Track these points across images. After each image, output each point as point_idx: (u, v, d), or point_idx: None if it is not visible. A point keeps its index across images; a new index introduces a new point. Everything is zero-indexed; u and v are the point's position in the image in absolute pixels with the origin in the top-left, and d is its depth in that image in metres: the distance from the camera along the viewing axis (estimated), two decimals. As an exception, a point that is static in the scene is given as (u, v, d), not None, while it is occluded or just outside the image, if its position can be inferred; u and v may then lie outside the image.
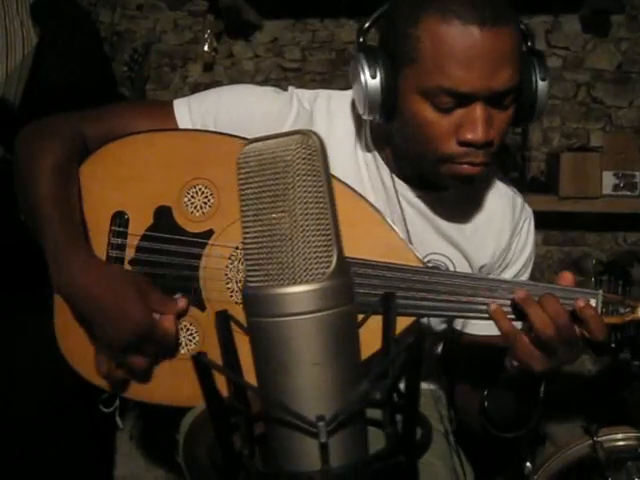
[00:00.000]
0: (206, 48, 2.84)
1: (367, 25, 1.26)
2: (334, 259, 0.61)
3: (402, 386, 0.68)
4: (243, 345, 0.72)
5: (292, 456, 0.62)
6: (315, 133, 0.61)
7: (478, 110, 1.17)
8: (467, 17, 1.12)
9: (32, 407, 1.75)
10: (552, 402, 1.56)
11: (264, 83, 2.89)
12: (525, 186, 2.50)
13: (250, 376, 0.68)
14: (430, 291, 1.18)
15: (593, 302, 1.16)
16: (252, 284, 0.62)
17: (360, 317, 0.66)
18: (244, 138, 1.26)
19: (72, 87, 2.40)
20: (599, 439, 1.64)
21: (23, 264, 1.61)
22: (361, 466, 0.61)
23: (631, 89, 2.68)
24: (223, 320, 0.67)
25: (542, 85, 1.23)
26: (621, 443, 1.65)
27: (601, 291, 1.18)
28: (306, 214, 0.60)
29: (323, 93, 1.40)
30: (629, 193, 2.47)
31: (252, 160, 0.61)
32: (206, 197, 1.27)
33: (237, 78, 2.91)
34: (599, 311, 1.15)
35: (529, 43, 1.27)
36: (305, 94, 1.39)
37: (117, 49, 2.97)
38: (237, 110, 1.33)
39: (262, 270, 0.61)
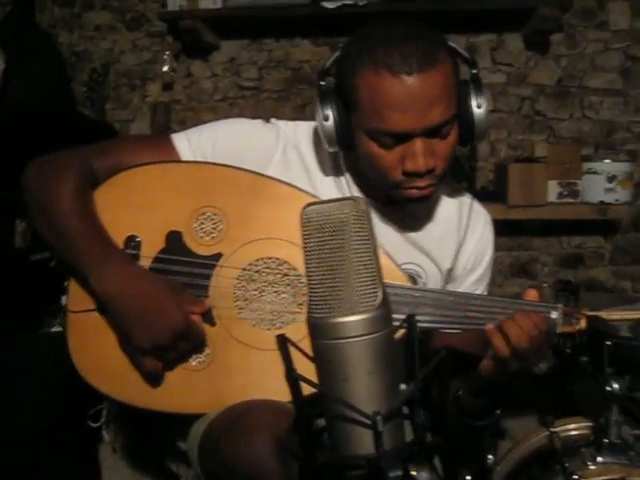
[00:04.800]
0: (165, 68, 2.92)
1: (325, 69, 1.39)
2: (380, 294, 0.78)
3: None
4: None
5: (351, 444, 0.79)
6: (362, 199, 0.80)
7: (417, 144, 1.31)
8: (396, 68, 1.26)
9: (26, 425, 1.80)
10: (508, 400, 1.69)
11: (222, 102, 2.99)
12: (475, 195, 2.62)
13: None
14: (418, 305, 1.33)
15: (555, 314, 1.35)
16: (318, 315, 0.78)
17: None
18: (248, 170, 1.40)
19: (37, 108, 2.45)
20: (555, 430, 1.77)
21: (17, 284, 1.67)
22: (406, 448, 0.80)
23: (571, 102, 2.86)
24: (283, 342, 0.83)
25: (478, 112, 1.35)
26: (575, 432, 1.78)
27: (561, 305, 1.37)
28: (359, 261, 0.77)
29: (303, 125, 1.52)
30: (572, 200, 2.64)
31: (313, 220, 0.78)
32: (215, 223, 1.37)
33: (196, 97, 3.01)
34: (561, 321, 1.36)
35: (474, 71, 1.38)
36: (289, 126, 1.51)
37: (76, 69, 3.02)
38: (232, 142, 1.44)
39: (326, 305, 0.77)
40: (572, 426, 1.80)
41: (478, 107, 1.35)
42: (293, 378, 0.79)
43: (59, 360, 1.75)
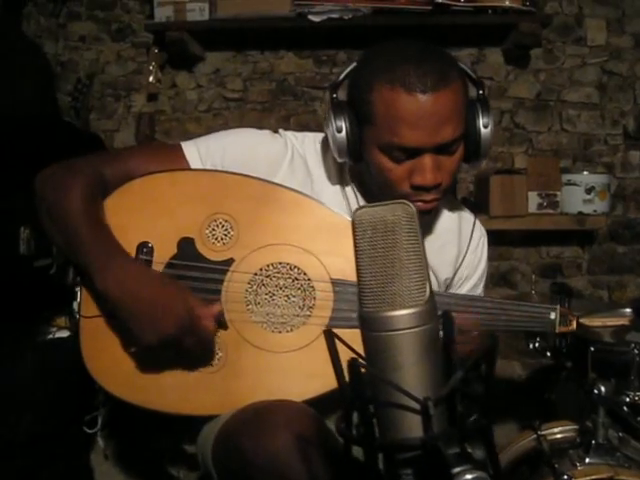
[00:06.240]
0: (151, 79, 2.94)
1: (337, 82, 1.44)
2: (427, 289, 0.82)
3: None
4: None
5: (399, 429, 0.84)
6: (409, 203, 0.84)
7: (426, 160, 1.36)
8: (411, 86, 1.31)
9: (21, 432, 1.81)
10: (489, 406, 1.73)
11: (206, 112, 3.02)
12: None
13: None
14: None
15: (553, 315, 1.46)
16: (369, 309, 0.83)
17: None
18: (258, 178, 1.44)
19: (25, 117, 2.46)
20: (542, 433, 1.82)
21: (21, 290, 1.68)
22: (453, 431, 0.84)
23: (549, 115, 2.93)
24: (330, 336, 0.87)
25: (485, 132, 1.41)
26: (560, 435, 1.83)
27: (559, 306, 1.48)
28: (409, 259, 0.81)
29: (310, 136, 1.56)
30: (552, 211, 2.70)
31: (365, 221, 0.84)
32: (226, 230, 1.41)
33: (180, 107, 3.02)
34: (558, 321, 1.47)
35: (480, 91, 1.43)
36: (296, 137, 1.55)
37: (61, 79, 3.02)
38: (241, 151, 1.48)
39: (378, 299, 0.82)
40: (557, 429, 1.84)
41: (485, 127, 1.40)
42: (353, 364, 0.83)
43: (56, 367, 1.78)
